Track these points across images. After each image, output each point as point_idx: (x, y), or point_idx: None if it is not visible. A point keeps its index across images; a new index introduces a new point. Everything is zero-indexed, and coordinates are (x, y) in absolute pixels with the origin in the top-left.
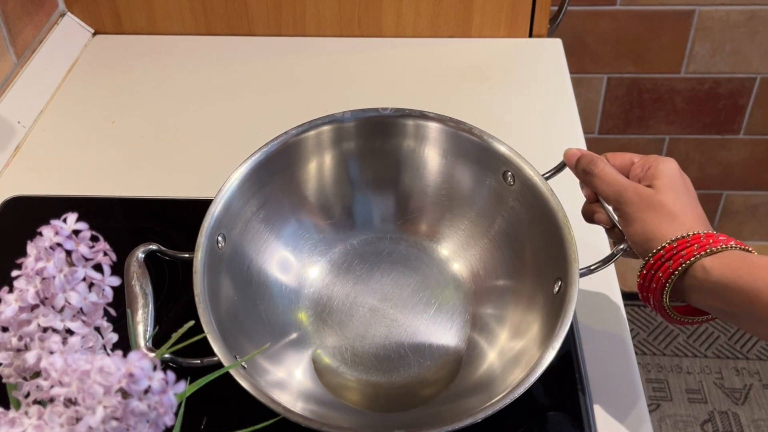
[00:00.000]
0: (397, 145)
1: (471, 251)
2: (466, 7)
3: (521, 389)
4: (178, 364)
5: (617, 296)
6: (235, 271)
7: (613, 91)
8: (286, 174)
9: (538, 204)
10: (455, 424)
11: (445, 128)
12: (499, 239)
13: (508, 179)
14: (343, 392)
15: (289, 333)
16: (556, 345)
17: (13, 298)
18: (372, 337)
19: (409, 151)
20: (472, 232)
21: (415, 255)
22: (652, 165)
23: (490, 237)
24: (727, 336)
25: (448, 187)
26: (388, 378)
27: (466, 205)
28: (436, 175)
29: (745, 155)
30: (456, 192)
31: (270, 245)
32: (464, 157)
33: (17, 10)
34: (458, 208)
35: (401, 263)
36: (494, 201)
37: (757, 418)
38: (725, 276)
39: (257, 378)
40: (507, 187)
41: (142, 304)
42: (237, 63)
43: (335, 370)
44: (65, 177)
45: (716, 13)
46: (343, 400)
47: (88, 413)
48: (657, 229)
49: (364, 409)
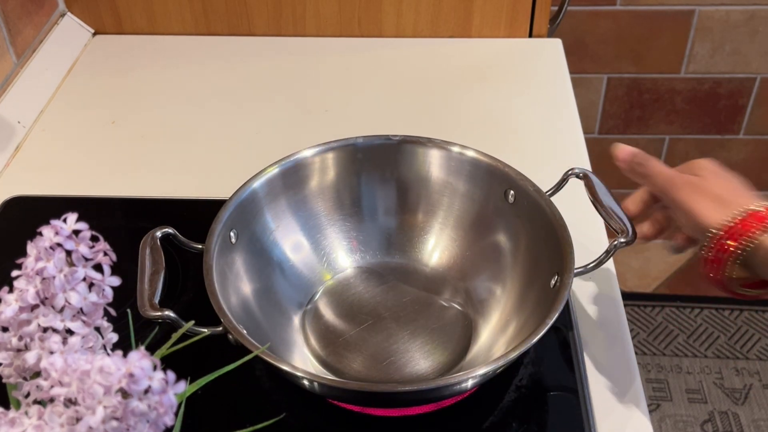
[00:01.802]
0: (404, 171)
1: (471, 261)
2: (466, 7)
3: (511, 357)
4: (192, 331)
5: (617, 297)
6: (244, 266)
7: (613, 91)
8: (297, 190)
9: (538, 215)
10: (439, 381)
11: (449, 154)
12: (499, 249)
13: (509, 198)
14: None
15: (290, 335)
16: (553, 316)
17: (13, 298)
18: (373, 340)
19: (417, 176)
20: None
21: (414, 268)
22: (690, 166)
23: (491, 246)
24: (727, 336)
25: (452, 206)
26: (387, 377)
27: (469, 220)
28: (439, 195)
29: (745, 155)
30: (460, 210)
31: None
32: (469, 178)
33: (17, 10)
34: (461, 224)
35: (403, 278)
36: (496, 215)
37: (757, 418)
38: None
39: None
40: (508, 204)
41: (154, 270)
42: (237, 63)
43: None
44: (65, 177)
45: (716, 13)
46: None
47: (88, 413)
48: (711, 206)
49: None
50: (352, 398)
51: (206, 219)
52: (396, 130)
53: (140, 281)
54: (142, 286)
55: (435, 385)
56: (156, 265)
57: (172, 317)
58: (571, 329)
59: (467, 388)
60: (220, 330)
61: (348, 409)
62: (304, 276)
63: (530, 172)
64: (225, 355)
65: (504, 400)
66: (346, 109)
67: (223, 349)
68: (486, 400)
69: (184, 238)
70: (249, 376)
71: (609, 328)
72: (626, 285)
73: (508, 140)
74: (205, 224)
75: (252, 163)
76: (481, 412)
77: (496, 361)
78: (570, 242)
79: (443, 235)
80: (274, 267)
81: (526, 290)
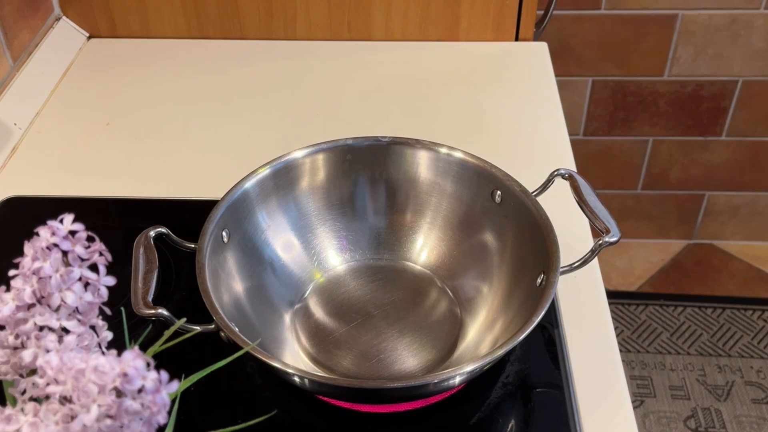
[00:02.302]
0: (394, 172)
1: (459, 260)
2: (454, 11)
3: (497, 354)
4: (185, 329)
5: (602, 295)
6: (236, 265)
7: (598, 94)
8: (288, 190)
9: (524, 215)
10: (427, 378)
11: (437, 155)
12: (486, 249)
13: (496, 198)
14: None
15: (281, 333)
16: (539, 314)
17: (10, 297)
18: (362, 338)
19: (406, 176)
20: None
21: (403, 266)
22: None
23: (478, 246)
24: (709, 334)
25: (439, 206)
26: (376, 374)
27: (457, 220)
28: (427, 195)
29: (727, 156)
30: (447, 210)
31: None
32: (456, 179)
33: (13, 14)
34: (449, 224)
35: (392, 277)
36: (483, 215)
37: (739, 414)
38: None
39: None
40: (495, 204)
41: (147, 269)
42: (229, 66)
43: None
44: (61, 178)
45: (699, 17)
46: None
47: (83, 411)
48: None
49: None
50: (341, 395)
51: (199, 219)
52: (385, 131)
53: (134, 280)
54: (136, 284)
55: (423, 382)
56: (149, 264)
57: (165, 315)
58: (557, 327)
59: (455, 384)
60: (212, 327)
61: (338, 405)
62: (294, 275)
63: (517, 173)
64: (217, 353)
65: (491, 396)
66: (336, 111)
67: (216, 347)
68: (473, 396)
69: (177, 237)
70: (240, 373)
71: (594, 326)
72: (611, 284)
73: (495, 142)
74: (198, 224)
75: (244, 164)
76: (469, 409)
77: (483, 358)
78: (556, 241)
79: (431, 234)
80: (266, 266)
81: (513, 289)
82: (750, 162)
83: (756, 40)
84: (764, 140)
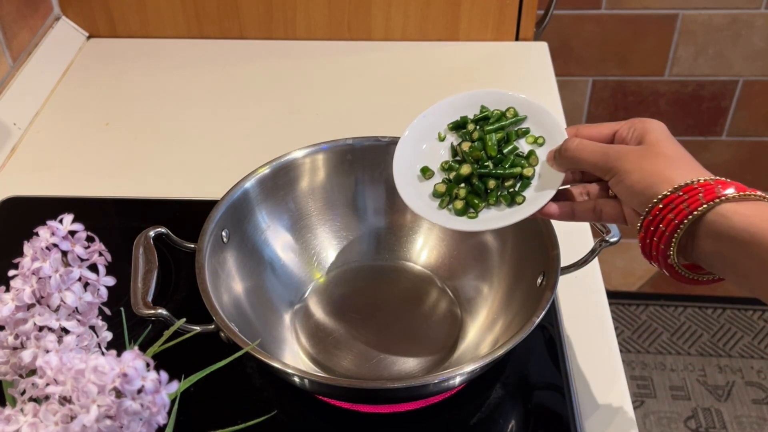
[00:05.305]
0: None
1: (459, 260)
2: (454, 11)
3: (497, 355)
4: (184, 329)
5: (602, 295)
6: (236, 265)
7: (598, 94)
8: (288, 190)
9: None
10: (427, 378)
11: None
12: (486, 249)
13: None
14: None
15: (281, 333)
16: (540, 314)
17: (9, 297)
18: (362, 338)
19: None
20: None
21: (403, 267)
22: (637, 126)
23: (478, 246)
24: (710, 334)
25: None
26: (376, 374)
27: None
28: None
29: (727, 156)
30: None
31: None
32: None
33: (13, 14)
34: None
35: (392, 277)
36: None
37: (739, 415)
38: (753, 225)
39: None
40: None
41: (147, 269)
42: (228, 65)
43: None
44: (61, 178)
45: (699, 17)
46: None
47: (83, 412)
48: (659, 172)
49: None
50: (341, 395)
51: (199, 219)
52: (385, 131)
53: (134, 280)
54: (136, 284)
55: (423, 382)
56: (149, 264)
57: (164, 315)
58: (557, 327)
59: (455, 385)
60: (212, 328)
61: (338, 405)
62: (294, 275)
63: None
64: (217, 353)
65: (491, 396)
66: (336, 111)
67: (216, 347)
68: (473, 396)
69: (177, 237)
70: (240, 373)
71: (594, 326)
72: (611, 284)
73: None
74: (198, 224)
75: (244, 164)
76: (469, 409)
77: (483, 358)
78: (556, 242)
79: (431, 234)
80: (266, 266)
81: (513, 289)
82: (750, 162)
83: (756, 40)
84: (764, 140)
